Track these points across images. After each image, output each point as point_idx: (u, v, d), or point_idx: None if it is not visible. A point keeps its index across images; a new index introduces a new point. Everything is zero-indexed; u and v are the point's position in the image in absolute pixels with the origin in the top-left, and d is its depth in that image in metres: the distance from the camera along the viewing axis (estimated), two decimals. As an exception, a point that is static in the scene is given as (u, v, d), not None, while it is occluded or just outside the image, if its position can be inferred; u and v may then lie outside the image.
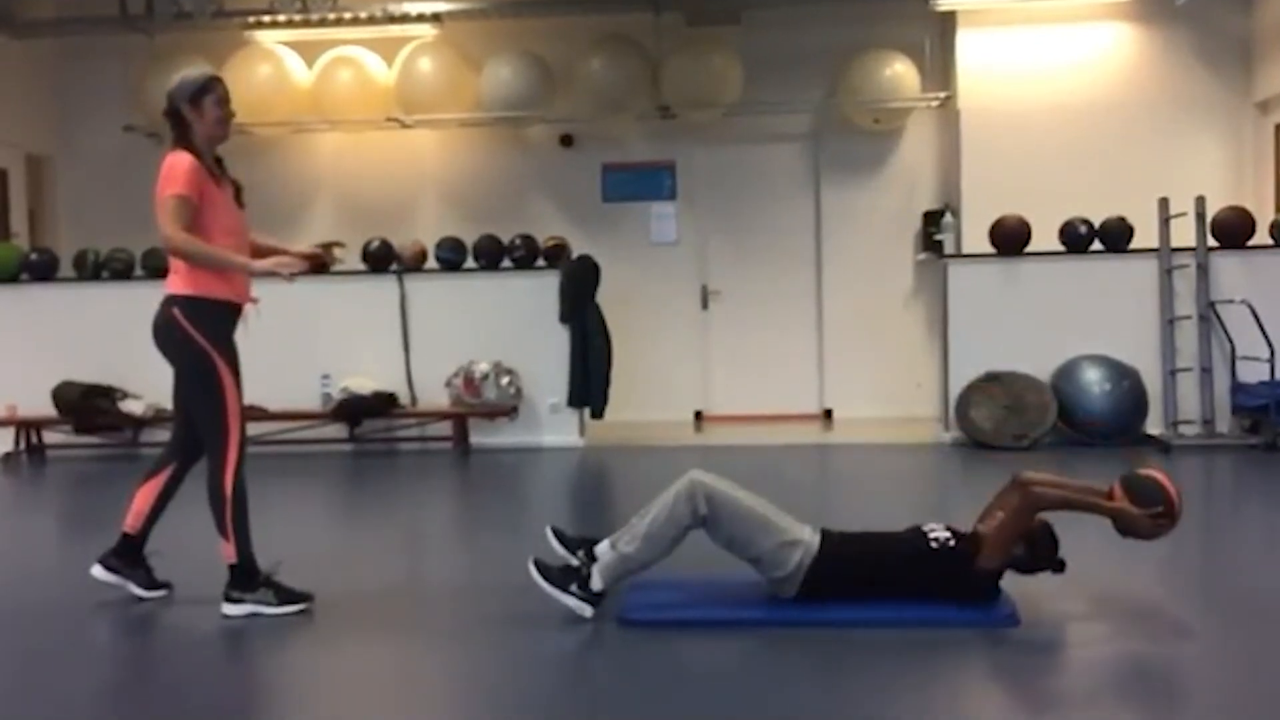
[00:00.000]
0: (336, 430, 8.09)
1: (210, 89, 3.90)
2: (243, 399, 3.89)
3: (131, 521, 4.05)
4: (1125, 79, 8.69)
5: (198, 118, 3.88)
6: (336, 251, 4.22)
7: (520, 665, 3.37)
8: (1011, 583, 3.81)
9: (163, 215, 3.76)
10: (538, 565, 3.73)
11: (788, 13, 9.04)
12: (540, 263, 8.18)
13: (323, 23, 8.71)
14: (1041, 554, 3.67)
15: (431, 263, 8.28)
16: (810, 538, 3.66)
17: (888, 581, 3.64)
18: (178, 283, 3.85)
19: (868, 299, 9.25)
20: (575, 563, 3.75)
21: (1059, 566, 3.68)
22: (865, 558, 3.66)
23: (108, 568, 4.05)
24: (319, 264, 4.19)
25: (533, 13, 8.90)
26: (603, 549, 3.71)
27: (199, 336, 3.81)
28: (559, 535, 3.91)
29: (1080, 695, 3.05)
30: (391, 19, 8.77)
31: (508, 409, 7.94)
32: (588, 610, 3.64)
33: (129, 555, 4.05)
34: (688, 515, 3.62)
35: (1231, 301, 7.43)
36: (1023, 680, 3.18)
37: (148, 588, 4.06)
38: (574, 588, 3.66)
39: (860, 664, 3.26)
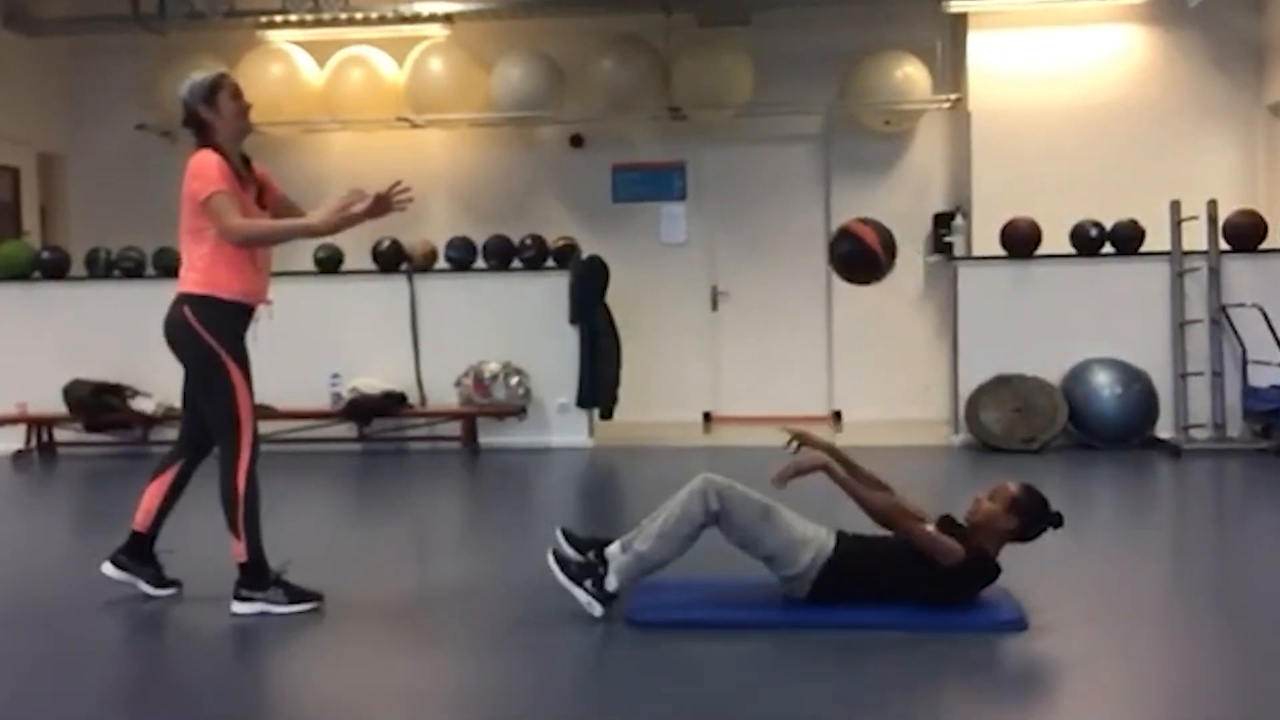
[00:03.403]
0: (346, 430, 8.10)
1: (221, 85, 3.91)
2: (254, 398, 3.90)
3: (141, 519, 4.06)
4: (1137, 81, 8.66)
5: (216, 116, 3.88)
6: (401, 195, 3.95)
7: (529, 666, 3.37)
8: (1018, 586, 3.81)
9: (212, 215, 3.76)
10: (557, 557, 3.74)
11: (798, 13, 9.02)
12: (550, 263, 8.18)
13: (334, 22, 8.72)
14: (1033, 517, 3.65)
15: (441, 263, 8.29)
16: (825, 538, 3.67)
17: (890, 583, 3.64)
18: (190, 281, 3.86)
19: (877, 301, 9.16)
20: (593, 561, 3.76)
21: (1057, 521, 3.67)
22: (872, 559, 3.66)
23: (118, 565, 4.06)
24: (385, 206, 3.93)
25: (543, 13, 8.90)
26: (613, 551, 3.71)
27: (209, 336, 3.81)
28: (569, 536, 3.91)
29: (1087, 699, 3.05)
30: (402, 19, 8.77)
31: (517, 409, 7.95)
32: (598, 609, 3.64)
33: (139, 553, 4.06)
34: (701, 513, 3.62)
35: (1243, 305, 7.40)
36: (1030, 684, 3.17)
37: (158, 585, 4.07)
38: (589, 584, 3.67)
39: (869, 667, 3.25)
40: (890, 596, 3.65)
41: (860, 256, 3.81)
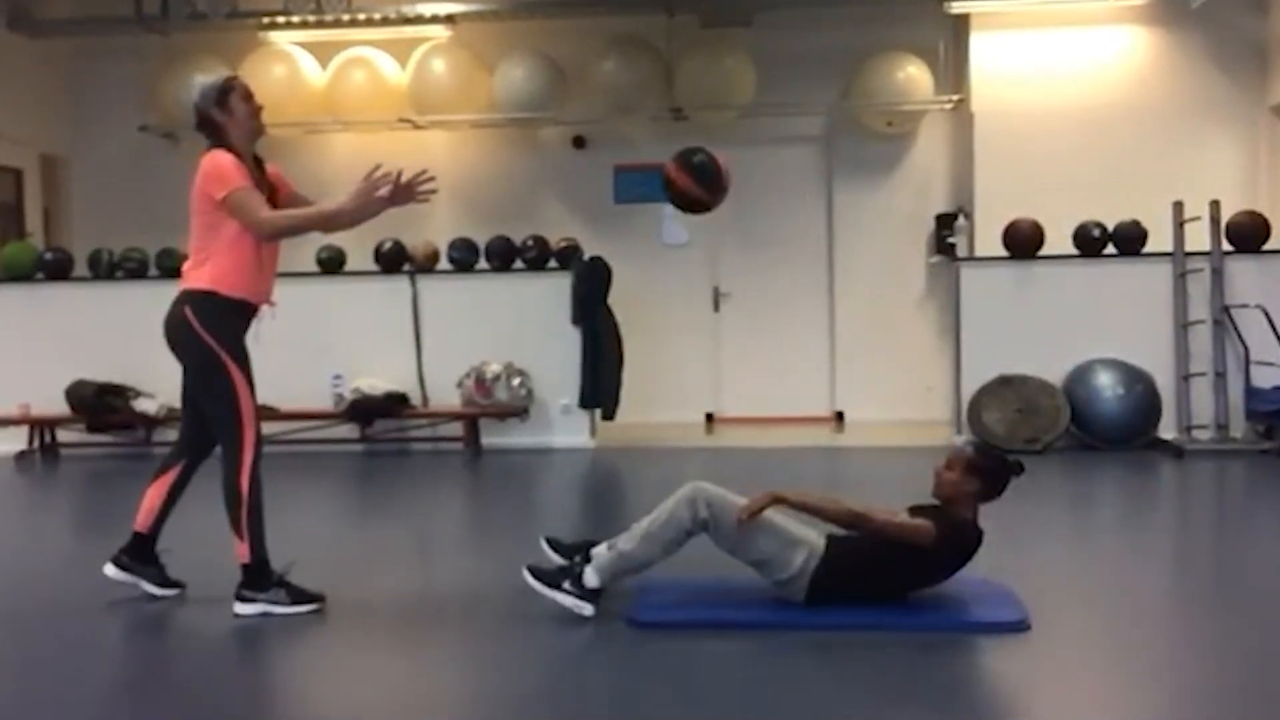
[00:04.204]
0: (348, 430, 8.10)
1: (232, 87, 3.93)
2: (255, 398, 3.90)
3: (142, 520, 4.06)
4: (1139, 82, 8.65)
5: (229, 118, 3.89)
6: (424, 185, 3.94)
7: (529, 666, 3.37)
8: (1020, 586, 3.81)
9: (237, 211, 3.77)
10: (531, 570, 3.74)
11: (801, 14, 9.03)
12: (552, 264, 8.18)
13: (336, 24, 8.72)
14: (993, 473, 3.69)
15: (444, 263, 8.29)
16: (816, 540, 3.67)
17: (886, 575, 3.66)
18: (194, 278, 3.85)
19: (880, 302, 9.23)
20: (573, 563, 3.76)
21: (1017, 470, 3.73)
22: (865, 554, 3.66)
23: (120, 566, 4.06)
24: (408, 195, 3.93)
25: (545, 14, 8.91)
26: (599, 550, 3.71)
27: (208, 336, 3.80)
28: (554, 544, 3.95)
29: (1089, 700, 3.04)
30: (405, 20, 8.78)
31: (519, 410, 7.95)
32: (586, 608, 3.64)
33: (141, 553, 4.06)
34: (688, 519, 3.62)
35: (1246, 306, 7.40)
36: (1032, 685, 3.17)
37: (161, 585, 4.07)
38: (567, 585, 3.66)
39: (869, 667, 3.25)
40: (888, 588, 3.67)
41: (711, 173, 3.94)
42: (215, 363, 3.82)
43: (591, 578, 3.65)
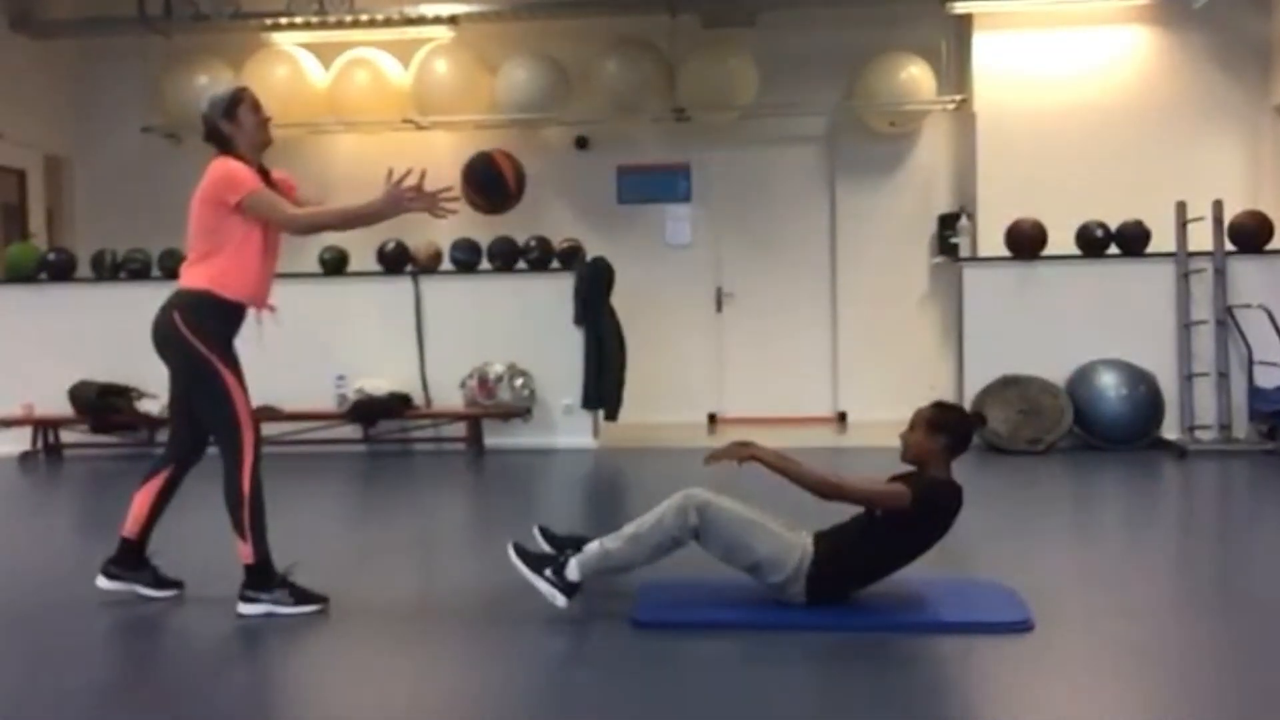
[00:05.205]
0: (351, 431, 8.11)
1: (240, 99, 3.96)
2: (249, 398, 3.89)
3: (130, 526, 4.04)
4: (1142, 82, 8.65)
5: (237, 129, 3.92)
6: (446, 203, 3.91)
7: (531, 666, 3.38)
8: (1024, 587, 3.81)
9: (262, 211, 3.81)
10: (517, 549, 3.76)
11: (803, 15, 9.03)
12: (555, 264, 8.19)
13: (339, 24, 8.74)
14: (956, 426, 3.74)
15: (446, 264, 8.30)
16: (806, 540, 3.69)
17: (877, 554, 3.67)
18: (192, 276, 3.85)
19: (882, 302, 9.23)
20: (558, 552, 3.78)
21: (979, 420, 3.90)
22: (853, 540, 3.68)
23: (110, 576, 4.04)
24: (429, 204, 3.90)
25: (548, 15, 8.91)
26: (591, 546, 3.73)
27: (196, 340, 3.80)
28: (546, 534, 3.98)
29: (1091, 700, 3.04)
30: (408, 21, 8.79)
31: (522, 410, 7.95)
32: (560, 599, 3.65)
33: (129, 560, 4.04)
34: (676, 527, 3.62)
35: (1249, 306, 7.39)
36: (1034, 685, 3.17)
37: (156, 587, 4.06)
38: (548, 572, 3.68)
39: (871, 667, 3.25)
40: (885, 565, 3.68)
41: (523, 179, 4.08)
42: (206, 367, 3.81)
43: (573, 571, 3.67)
